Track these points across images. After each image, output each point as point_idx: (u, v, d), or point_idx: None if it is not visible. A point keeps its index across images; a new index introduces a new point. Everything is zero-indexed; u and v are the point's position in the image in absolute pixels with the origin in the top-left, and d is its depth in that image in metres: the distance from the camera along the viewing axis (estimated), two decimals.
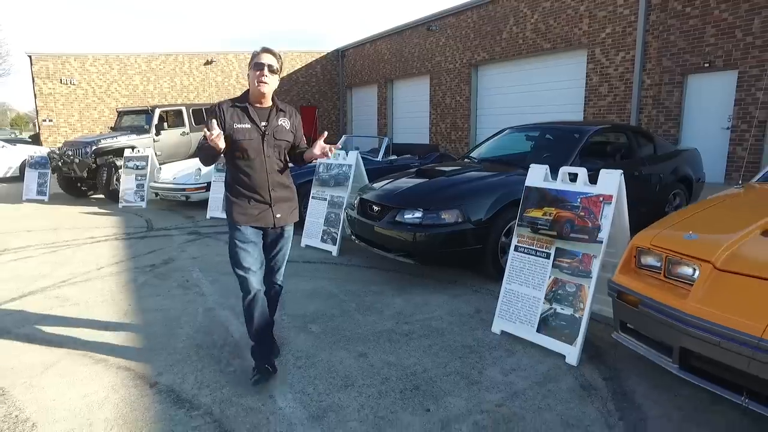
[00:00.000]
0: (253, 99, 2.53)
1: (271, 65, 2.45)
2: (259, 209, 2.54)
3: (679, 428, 2.15)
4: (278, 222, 2.60)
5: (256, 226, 2.57)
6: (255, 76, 2.45)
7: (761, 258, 2.05)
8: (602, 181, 2.76)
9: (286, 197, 2.63)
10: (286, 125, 2.60)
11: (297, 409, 2.35)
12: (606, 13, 10.88)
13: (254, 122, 2.49)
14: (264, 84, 2.45)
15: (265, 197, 2.54)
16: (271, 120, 2.53)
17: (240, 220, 2.53)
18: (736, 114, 8.82)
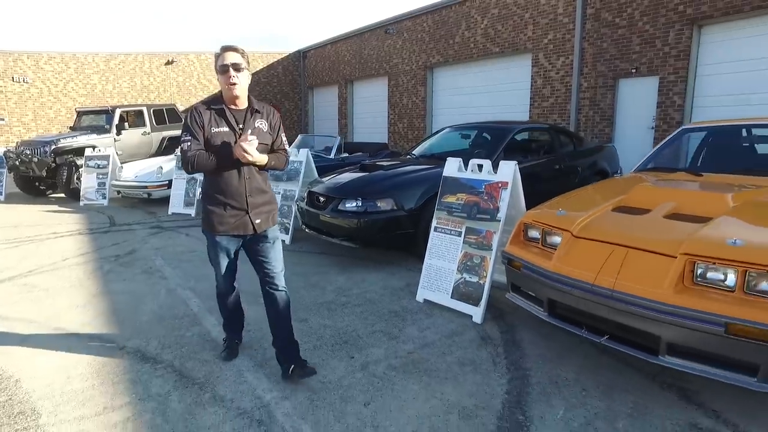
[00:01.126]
0: (227, 101, 2.44)
1: (236, 64, 2.35)
2: (236, 217, 2.46)
3: (549, 363, 2.74)
4: (258, 228, 2.50)
5: (233, 235, 2.50)
6: (223, 80, 2.37)
7: (603, 227, 2.67)
8: (501, 171, 3.35)
9: (264, 202, 2.53)
10: (264, 127, 2.50)
11: (245, 360, 2.84)
12: (548, 20, 11.68)
13: (231, 125, 2.41)
14: (234, 85, 2.36)
15: (241, 204, 2.45)
16: (248, 122, 2.45)
17: (217, 229, 2.47)
18: (658, 115, 9.74)
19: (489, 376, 2.63)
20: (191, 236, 6.16)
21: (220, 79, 2.39)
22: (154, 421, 2.28)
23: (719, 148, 3.92)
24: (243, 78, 2.39)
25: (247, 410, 2.35)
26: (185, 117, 2.45)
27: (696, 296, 2.16)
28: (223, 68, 2.36)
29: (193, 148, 2.36)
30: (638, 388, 2.49)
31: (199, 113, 2.40)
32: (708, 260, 2.19)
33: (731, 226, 2.37)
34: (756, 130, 3.90)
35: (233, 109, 2.45)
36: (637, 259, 2.38)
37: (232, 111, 2.44)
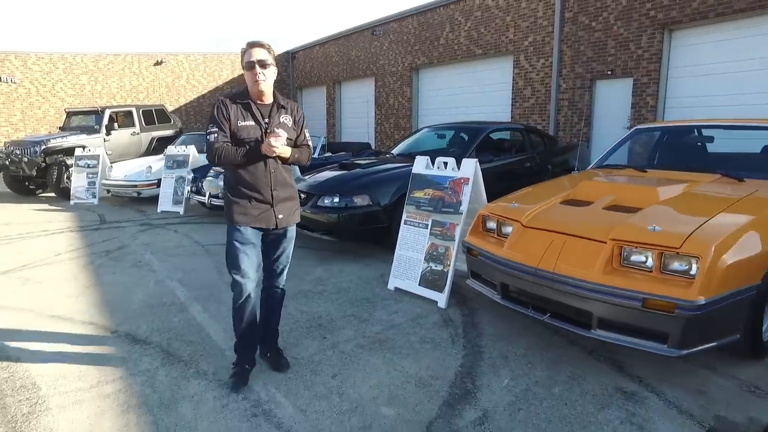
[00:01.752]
0: (253, 96, 2.47)
1: (262, 60, 2.37)
2: (260, 209, 2.46)
3: (502, 342, 3.04)
4: (280, 223, 2.52)
5: (256, 227, 2.49)
6: (250, 75, 2.39)
7: (548, 217, 2.97)
8: (463, 168, 3.65)
9: (288, 197, 2.55)
10: (288, 122, 2.53)
11: (226, 341, 3.11)
12: (528, 23, 12.03)
13: (257, 119, 2.44)
14: (261, 82, 2.38)
15: (266, 197, 2.46)
16: (273, 117, 2.48)
17: (240, 220, 2.45)
18: (633, 116, 10.10)
19: (446, 352, 2.93)
20: (179, 233, 6.40)
21: (247, 74, 2.40)
22: (144, 391, 2.55)
23: (666, 146, 4.25)
24: (269, 74, 2.41)
25: (227, 382, 2.62)
26: (212, 109, 2.47)
27: (621, 276, 2.47)
28: (249, 65, 2.37)
29: (219, 139, 2.37)
30: (578, 361, 2.79)
31: (226, 106, 2.40)
32: (632, 245, 2.51)
33: (655, 215, 2.69)
34: (702, 130, 4.23)
35: (259, 103, 2.46)
36: (574, 245, 2.68)
37: (257, 105, 2.46)
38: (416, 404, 2.39)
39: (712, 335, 2.39)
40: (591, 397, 2.44)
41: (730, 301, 2.34)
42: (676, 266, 2.39)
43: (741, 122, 4.03)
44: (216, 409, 2.38)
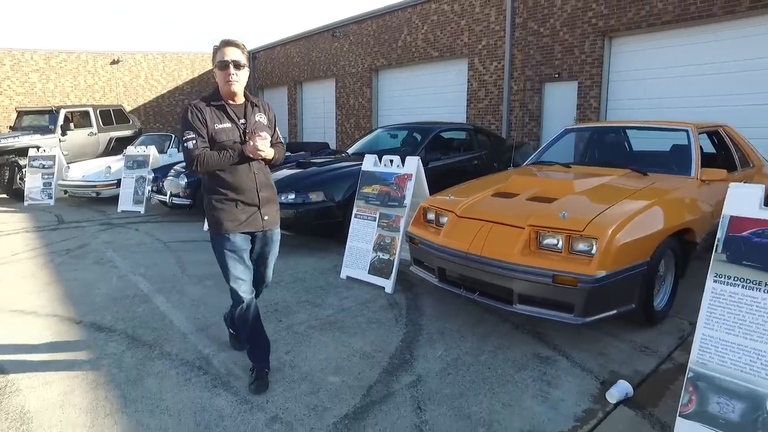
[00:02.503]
0: (226, 96, 2.40)
1: (236, 61, 2.33)
2: (248, 213, 2.42)
3: (440, 320, 3.40)
4: (266, 224, 2.49)
5: (245, 232, 2.45)
6: (222, 75, 2.33)
7: (479, 208, 3.35)
8: (407, 165, 4.00)
9: (271, 197, 2.53)
10: (264, 120, 2.49)
11: (188, 326, 3.36)
12: (482, 27, 12.56)
13: (233, 120, 2.38)
14: (234, 83, 2.33)
15: (253, 199, 2.42)
16: (249, 117, 2.43)
17: (229, 227, 2.39)
18: (578, 116, 10.75)
19: (390, 330, 3.26)
20: (141, 231, 6.52)
21: (219, 74, 2.34)
22: (111, 371, 2.77)
23: (588, 145, 4.73)
24: (243, 75, 2.36)
25: (189, 360, 2.88)
26: (184, 114, 2.35)
27: (536, 257, 2.87)
28: (222, 64, 2.30)
29: (199, 145, 2.28)
30: (504, 334, 3.18)
31: (199, 109, 2.32)
32: (545, 229, 2.91)
33: (567, 204, 3.10)
34: (619, 131, 4.73)
35: (232, 104, 2.41)
36: (499, 231, 3.06)
37: (231, 106, 2.40)
38: (359, 372, 2.72)
39: (610, 305, 2.82)
40: (512, 362, 2.82)
41: (624, 275, 2.77)
42: (580, 247, 2.80)
43: (650, 124, 4.56)
44: (180, 383, 2.64)
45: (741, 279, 2.08)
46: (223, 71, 2.32)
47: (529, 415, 2.32)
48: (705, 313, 2.15)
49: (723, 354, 2.07)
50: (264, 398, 2.48)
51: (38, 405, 2.46)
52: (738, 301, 2.07)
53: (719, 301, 2.12)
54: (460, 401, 2.44)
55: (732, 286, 2.10)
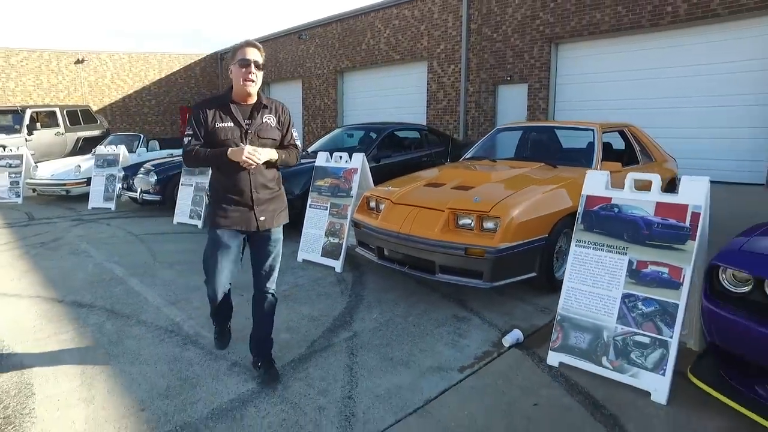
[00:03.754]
0: (237, 97, 2.44)
1: (257, 61, 2.37)
2: (240, 212, 2.45)
3: (380, 292, 3.98)
4: (262, 225, 2.49)
5: (235, 230, 2.49)
6: (240, 74, 2.35)
7: (411, 195, 3.95)
8: (353, 160, 4.58)
9: (270, 199, 2.52)
10: (272, 122, 2.49)
11: (161, 301, 3.85)
12: (440, 32, 13.25)
13: (236, 120, 2.40)
14: (251, 83, 2.37)
15: (245, 199, 2.44)
16: (255, 117, 2.44)
17: (219, 223, 2.46)
18: (528, 117, 11.54)
19: (336, 300, 3.84)
20: (112, 226, 6.91)
21: (238, 72, 2.36)
22: (95, 335, 3.26)
23: (515, 142, 5.41)
24: (259, 77, 2.41)
25: (162, 326, 3.39)
26: (191, 111, 2.47)
27: (453, 234, 3.48)
28: (244, 62, 2.34)
29: (192, 143, 2.38)
30: (432, 301, 3.78)
31: (203, 109, 2.39)
32: (461, 212, 3.53)
33: (482, 191, 3.73)
34: (538, 129, 5.43)
35: (240, 104, 2.44)
36: (425, 214, 3.67)
37: (238, 106, 2.43)
38: (306, 331, 3.28)
39: (513, 272, 3.46)
40: (434, 321, 3.43)
41: (523, 247, 3.41)
42: (487, 225, 3.43)
43: (565, 124, 5.27)
44: (155, 342, 3.15)
45: (591, 243, 2.74)
46: (244, 69, 2.35)
47: (440, 357, 2.93)
48: (568, 270, 2.81)
49: (579, 300, 2.72)
50: (226, 350, 3.02)
51: (33, 361, 2.93)
52: (589, 260, 2.73)
53: (578, 260, 2.78)
54: (386, 349, 3.03)
55: (586, 248, 2.76)
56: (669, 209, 2.54)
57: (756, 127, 8.64)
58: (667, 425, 2.25)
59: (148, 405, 2.46)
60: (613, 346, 2.57)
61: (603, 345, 2.60)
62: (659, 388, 2.40)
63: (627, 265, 2.60)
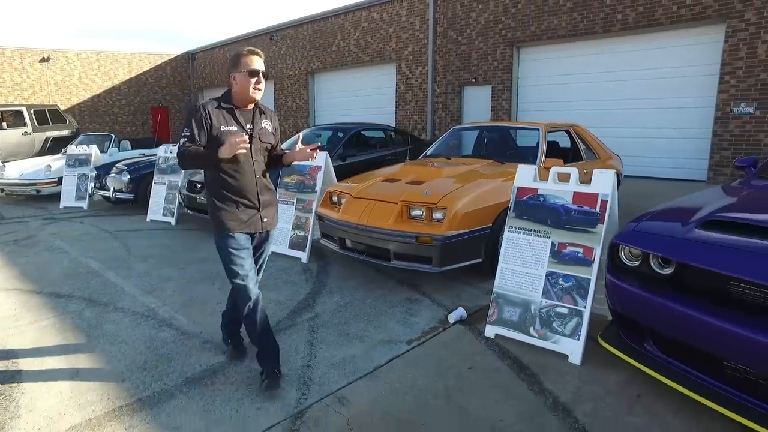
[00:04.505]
0: (238, 102, 2.49)
1: (265, 72, 2.47)
2: (249, 214, 2.53)
3: (341, 280, 4.33)
4: (265, 226, 2.61)
5: (246, 232, 2.54)
6: (250, 83, 2.42)
7: (369, 190, 4.30)
8: (317, 158, 4.91)
9: (271, 201, 2.65)
10: (269, 127, 2.59)
11: (137, 291, 4.12)
12: (408, 35, 13.65)
13: (240, 125, 2.46)
14: (259, 91, 2.46)
15: (253, 201, 2.52)
16: (256, 122, 2.52)
17: (232, 226, 2.49)
18: (492, 117, 12.04)
19: (301, 287, 4.17)
20: (86, 223, 7.07)
21: (246, 81, 2.42)
22: (75, 321, 3.51)
23: (469, 140, 5.83)
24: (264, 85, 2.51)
25: (139, 312, 3.66)
26: (191, 113, 2.46)
27: (405, 224, 3.85)
28: (253, 73, 2.42)
29: (186, 145, 2.39)
30: (390, 287, 4.15)
31: (208, 111, 2.40)
32: (412, 204, 3.90)
33: (432, 185, 4.11)
34: (490, 129, 5.87)
35: (242, 109, 2.51)
36: (380, 206, 4.03)
37: (240, 111, 2.49)
38: (272, 313, 3.60)
39: (459, 258, 3.85)
40: (389, 303, 3.79)
41: (469, 235, 3.80)
42: (436, 216, 3.81)
43: (515, 124, 5.70)
44: (132, 325, 3.43)
45: (522, 228, 3.15)
46: (254, 78, 2.43)
47: (391, 332, 3.29)
48: (502, 253, 3.21)
49: (511, 279, 3.12)
50: (198, 330, 3.32)
51: (16, 344, 3.18)
52: (519, 243, 3.13)
53: (510, 244, 3.18)
54: (344, 326, 3.38)
55: (517, 233, 3.16)
56: (583, 198, 2.96)
57: (698, 128, 9.29)
58: (577, 380, 2.66)
59: (128, 376, 2.75)
60: (539, 317, 2.98)
61: (531, 317, 3.00)
62: (574, 351, 2.82)
63: (550, 247, 3.02)
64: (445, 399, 2.52)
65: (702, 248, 2.25)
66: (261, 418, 2.36)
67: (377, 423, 2.31)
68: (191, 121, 2.41)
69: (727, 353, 2.16)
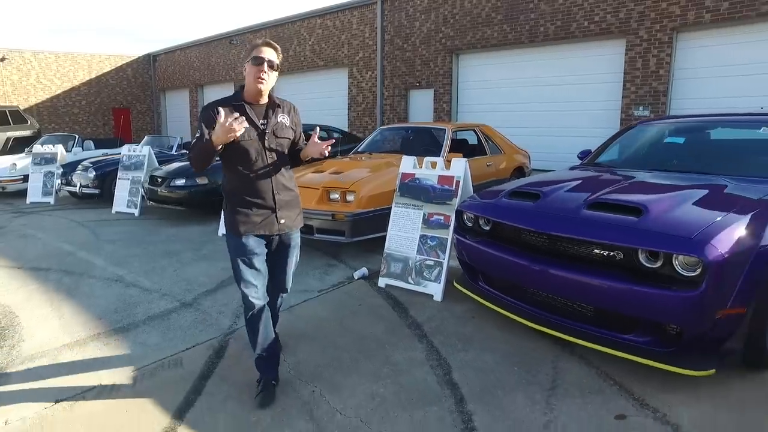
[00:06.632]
0: (248, 96, 2.39)
1: (271, 61, 2.33)
2: (263, 216, 2.40)
3: None
4: (282, 228, 2.46)
5: (259, 235, 2.41)
6: (253, 72, 2.31)
7: (300, 180, 5.31)
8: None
9: (290, 201, 2.50)
10: (286, 122, 2.46)
11: (106, 264, 5.00)
12: (358, 41, 14.67)
13: (251, 120, 2.34)
14: (263, 81, 2.32)
15: (268, 202, 2.40)
16: (270, 117, 2.40)
17: (242, 229, 2.37)
18: (434, 118, 13.19)
19: None
20: (54, 216, 7.80)
21: (251, 70, 2.33)
22: (55, 285, 4.38)
23: (391, 138, 6.91)
24: (272, 77, 2.36)
25: (110, 278, 4.55)
26: (201, 113, 2.38)
27: (325, 205, 4.87)
28: (257, 60, 2.30)
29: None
30: (314, 256, 5.14)
31: (216, 110, 2.23)
32: (331, 188, 4.92)
33: (348, 174, 5.14)
34: (407, 129, 6.97)
35: (253, 105, 2.39)
36: (307, 192, 5.03)
37: (252, 106, 2.38)
38: (218, 276, 4.56)
39: (367, 231, 4.88)
40: (311, 267, 4.78)
41: (374, 213, 4.85)
42: (349, 198, 4.84)
43: (425, 125, 6.81)
44: (104, 287, 4.33)
45: (403, 203, 4.21)
46: (257, 67, 2.31)
47: (308, 285, 4.30)
48: (391, 222, 4.26)
49: (396, 241, 4.18)
50: (159, 287, 4.26)
51: (10, 300, 4.04)
52: (402, 215, 4.19)
53: (396, 215, 4.24)
54: None
55: (400, 208, 4.22)
56: (445, 179, 4.04)
57: (607, 127, 10.62)
58: (434, 310, 3.72)
59: (104, 316, 3.68)
60: (414, 269, 4.04)
61: (409, 269, 4.07)
62: (437, 292, 3.89)
63: (422, 216, 4.09)
64: (337, 323, 3.54)
65: (502, 209, 3.35)
66: (202, 335, 3.34)
67: (285, 339, 3.31)
68: (200, 123, 2.31)
69: (526, 282, 3.20)
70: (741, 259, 2.44)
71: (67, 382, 2.75)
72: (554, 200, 3.16)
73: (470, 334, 3.33)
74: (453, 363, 2.93)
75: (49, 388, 2.70)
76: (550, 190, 3.30)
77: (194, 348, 3.17)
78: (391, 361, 2.97)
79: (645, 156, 4.30)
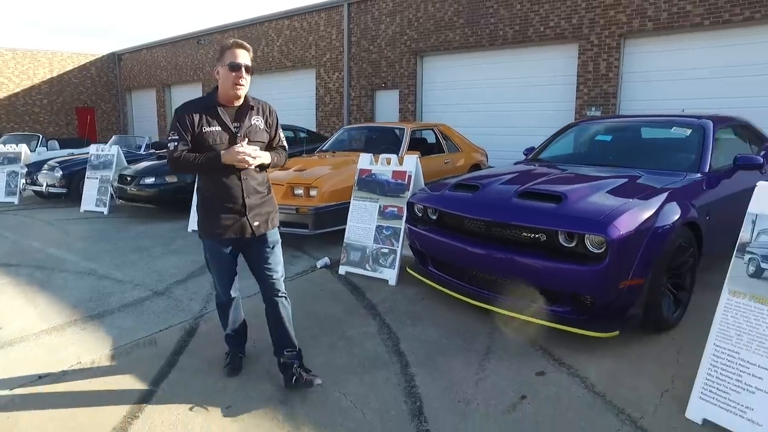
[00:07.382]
0: (223, 99, 2.36)
1: (248, 66, 2.31)
2: (233, 219, 2.40)
3: None
4: (257, 231, 2.46)
5: (229, 237, 2.43)
6: (231, 77, 2.28)
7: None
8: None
9: (262, 203, 2.49)
10: (260, 124, 2.43)
11: (78, 259, 5.19)
12: (325, 43, 14.96)
13: (224, 124, 2.33)
14: (241, 87, 2.31)
15: (238, 207, 2.39)
16: (244, 120, 2.37)
17: (211, 232, 2.42)
18: (400, 118, 13.59)
19: None
20: (20, 216, 7.85)
21: (227, 76, 2.30)
22: (27, 279, 4.56)
23: (353, 137, 7.27)
24: (249, 81, 2.35)
25: (82, 272, 4.76)
26: (174, 115, 2.39)
27: (290, 199, 5.19)
28: (234, 67, 2.28)
29: (179, 148, 2.30)
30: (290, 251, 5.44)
31: (189, 113, 2.28)
32: (295, 184, 5.24)
33: (312, 171, 5.46)
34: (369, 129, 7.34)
35: (227, 107, 2.37)
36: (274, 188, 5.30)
37: (225, 109, 2.36)
38: (189, 267, 4.82)
39: (329, 224, 5.22)
40: None
41: (335, 207, 5.18)
42: (312, 193, 5.17)
43: (384, 124, 7.20)
44: (77, 279, 4.53)
45: (361, 197, 4.57)
46: (235, 73, 2.28)
47: None
48: (349, 215, 4.61)
49: (355, 232, 4.53)
50: (131, 279, 4.50)
51: None
52: (360, 207, 4.55)
53: (354, 208, 4.59)
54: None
55: (358, 201, 4.58)
56: (398, 174, 4.42)
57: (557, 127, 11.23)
58: (388, 293, 4.09)
59: (78, 305, 3.91)
60: (371, 256, 4.40)
61: (366, 257, 4.42)
62: (392, 277, 4.26)
63: (378, 208, 4.45)
64: (299, 306, 3.87)
65: (446, 199, 3.74)
66: (174, 318, 3.62)
67: (251, 320, 3.61)
68: (175, 124, 2.32)
69: (467, 264, 3.59)
70: (639, 238, 2.89)
71: (48, 362, 3.00)
72: (490, 191, 3.57)
73: (419, 312, 3.71)
74: (401, 336, 3.30)
75: (31, 366, 2.94)
76: (488, 182, 3.71)
77: (167, 330, 3.45)
78: (346, 336, 3.33)
79: (579, 152, 4.78)
